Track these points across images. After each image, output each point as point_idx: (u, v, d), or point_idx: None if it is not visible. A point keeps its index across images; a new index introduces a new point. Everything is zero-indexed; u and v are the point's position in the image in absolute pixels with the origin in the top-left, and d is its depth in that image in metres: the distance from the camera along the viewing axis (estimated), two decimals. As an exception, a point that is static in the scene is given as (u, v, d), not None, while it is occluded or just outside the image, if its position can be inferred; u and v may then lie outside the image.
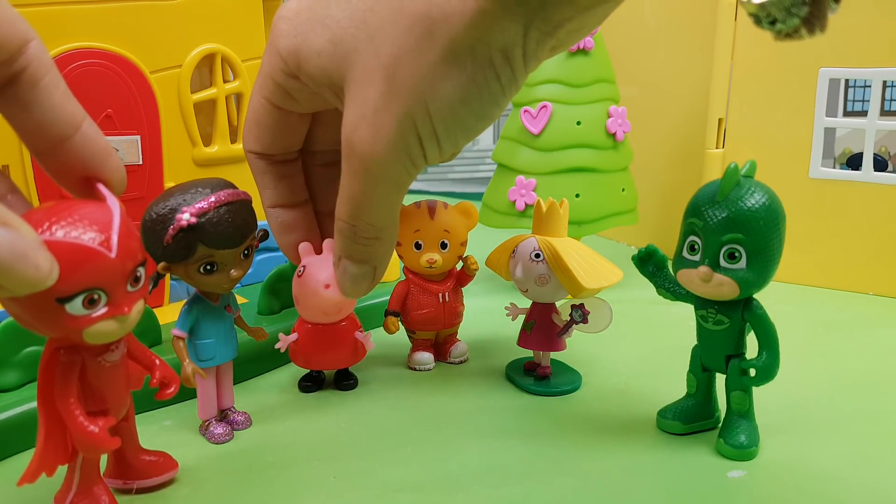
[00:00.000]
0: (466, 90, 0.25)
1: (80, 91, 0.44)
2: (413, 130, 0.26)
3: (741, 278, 0.33)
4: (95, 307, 0.26)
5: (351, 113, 0.27)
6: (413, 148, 0.27)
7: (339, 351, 0.43)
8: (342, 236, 0.30)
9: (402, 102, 0.26)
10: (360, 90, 0.26)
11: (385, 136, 0.26)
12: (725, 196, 0.33)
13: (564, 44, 0.27)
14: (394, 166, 0.27)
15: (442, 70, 0.25)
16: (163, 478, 0.34)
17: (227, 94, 0.53)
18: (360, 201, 0.29)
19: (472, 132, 0.27)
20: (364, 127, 0.26)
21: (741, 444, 0.35)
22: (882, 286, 0.61)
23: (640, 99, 0.73)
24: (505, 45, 0.24)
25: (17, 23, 0.24)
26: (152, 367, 0.32)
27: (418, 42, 0.25)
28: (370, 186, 0.28)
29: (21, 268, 0.21)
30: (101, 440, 0.28)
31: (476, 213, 0.45)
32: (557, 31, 0.25)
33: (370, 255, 0.31)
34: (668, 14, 0.71)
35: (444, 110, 0.26)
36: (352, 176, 0.28)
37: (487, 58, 0.25)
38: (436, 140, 0.27)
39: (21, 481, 0.27)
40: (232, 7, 0.52)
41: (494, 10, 0.24)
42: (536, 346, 0.44)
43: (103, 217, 0.26)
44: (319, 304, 0.40)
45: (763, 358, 0.35)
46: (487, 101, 0.26)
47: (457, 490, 0.33)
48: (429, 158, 0.27)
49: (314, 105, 0.32)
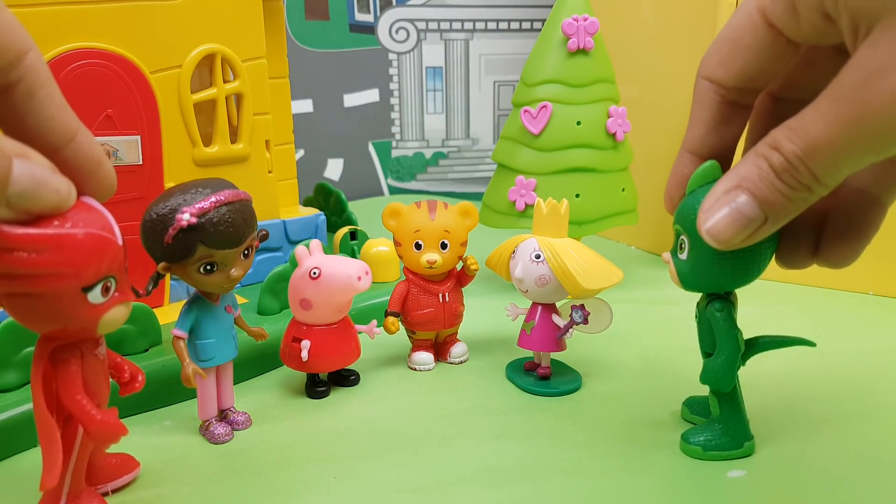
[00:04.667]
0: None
1: (80, 91, 0.45)
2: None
3: (679, 269, 0.33)
4: (109, 294, 0.27)
5: (879, 55, 0.22)
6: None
7: (344, 350, 0.43)
8: (769, 169, 0.25)
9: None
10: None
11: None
12: (692, 189, 0.32)
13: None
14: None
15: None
16: (129, 477, 0.34)
17: (227, 94, 0.52)
18: (827, 148, 0.24)
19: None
20: (894, 79, 0.22)
21: (686, 439, 0.36)
22: (882, 286, 0.61)
23: (640, 99, 0.73)
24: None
25: (16, 31, 0.23)
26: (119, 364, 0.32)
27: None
28: (851, 141, 0.23)
29: (43, 193, 0.23)
30: (118, 428, 0.28)
31: (476, 213, 0.45)
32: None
33: (782, 203, 0.26)
34: (668, 14, 0.71)
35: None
36: (837, 122, 0.23)
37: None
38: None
39: (44, 484, 0.27)
40: (232, 7, 0.52)
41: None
42: (536, 346, 0.44)
43: (96, 210, 0.26)
44: (346, 300, 0.41)
45: (714, 359, 0.34)
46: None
47: (457, 490, 0.33)
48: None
49: (815, 34, 0.26)
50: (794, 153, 0.25)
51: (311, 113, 1.02)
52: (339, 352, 0.43)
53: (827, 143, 0.24)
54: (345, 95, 1.03)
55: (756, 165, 0.26)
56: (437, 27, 1.05)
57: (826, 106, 0.24)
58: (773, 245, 0.31)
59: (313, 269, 0.41)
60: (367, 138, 1.06)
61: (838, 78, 0.24)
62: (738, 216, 0.27)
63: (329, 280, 0.41)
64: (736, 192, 0.26)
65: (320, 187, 0.73)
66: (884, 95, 0.22)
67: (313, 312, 0.42)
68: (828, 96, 0.24)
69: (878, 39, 0.22)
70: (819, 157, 0.24)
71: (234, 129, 0.55)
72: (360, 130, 1.06)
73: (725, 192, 0.27)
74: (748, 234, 0.27)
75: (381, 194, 1.09)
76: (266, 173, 0.57)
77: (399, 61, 1.05)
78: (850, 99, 0.23)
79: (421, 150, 1.09)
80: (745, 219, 0.26)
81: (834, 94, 0.24)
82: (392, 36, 1.04)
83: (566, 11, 0.58)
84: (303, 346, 0.42)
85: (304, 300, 0.41)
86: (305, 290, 0.41)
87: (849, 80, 0.23)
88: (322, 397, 0.43)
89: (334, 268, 0.41)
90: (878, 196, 0.30)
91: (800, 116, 0.25)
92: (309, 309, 0.42)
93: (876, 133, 0.23)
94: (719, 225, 0.27)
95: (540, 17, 1.07)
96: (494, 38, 1.07)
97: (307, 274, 0.41)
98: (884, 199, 0.30)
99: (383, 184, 1.09)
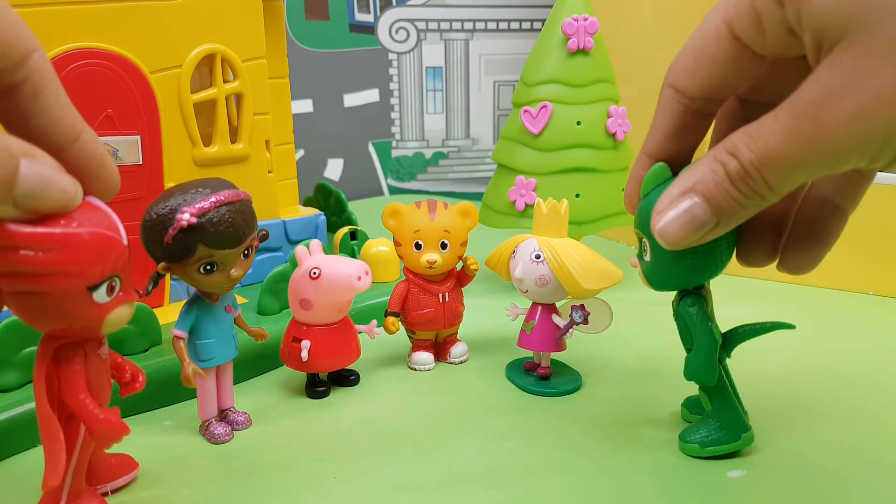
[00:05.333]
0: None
1: (80, 91, 0.45)
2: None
3: (644, 270, 0.34)
4: (114, 293, 0.27)
5: (838, 75, 0.22)
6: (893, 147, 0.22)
7: (344, 350, 0.43)
8: (725, 174, 0.26)
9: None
10: (867, 54, 0.22)
11: (874, 119, 0.22)
12: (646, 192, 0.32)
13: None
14: (855, 150, 0.23)
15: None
16: (129, 477, 0.34)
17: (227, 94, 0.52)
18: (782, 160, 0.24)
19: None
20: (851, 101, 0.22)
21: (684, 438, 0.36)
22: (882, 286, 0.61)
23: (640, 99, 0.73)
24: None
25: (22, 32, 0.24)
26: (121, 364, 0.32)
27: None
28: (807, 156, 0.24)
29: (50, 192, 0.24)
30: (121, 427, 0.29)
31: (476, 213, 0.45)
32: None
33: (734, 209, 0.26)
34: (668, 14, 0.71)
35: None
36: (794, 136, 0.24)
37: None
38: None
39: (46, 483, 0.27)
40: (232, 7, 0.52)
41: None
42: (536, 346, 0.44)
43: (102, 210, 0.26)
44: (346, 300, 0.41)
45: (693, 354, 0.35)
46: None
47: (457, 490, 0.33)
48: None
49: (780, 48, 0.26)
50: (750, 161, 0.25)
51: (311, 113, 1.02)
52: (339, 352, 0.43)
53: (783, 156, 0.24)
54: (345, 95, 1.03)
55: (712, 170, 0.26)
56: (437, 27, 1.05)
57: (785, 119, 0.24)
58: (730, 241, 0.32)
59: (313, 269, 0.41)
60: (367, 138, 1.06)
61: (799, 91, 0.24)
62: (690, 218, 0.27)
63: (329, 280, 0.41)
64: (690, 195, 0.27)
65: (320, 187, 0.73)
66: (840, 116, 0.23)
67: (313, 312, 0.42)
68: (788, 109, 0.24)
69: (839, 59, 0.23)
70: (774, 167, 0.25)
71: (234, 129, 0.55)
72: (360, 130, 1.06)
73: (680, 194, 0.27)
74: (699, 236, 0.27)
75: (381, 194, 1.09)
76: (266, 173, 0.57)
77: (399, 61, 1.05)
78: (808, 115, 0.23)
79: (421, 150, 1.09)
80: (697, 221, 0.27)
81: (793, 109, 0.24)
82: (392, 36, 1.04)
83: (566, 11, 0.58)
84: (303, 346, 0.42)
85: (304, 300, 0.41)
86: (305, 290, 0.41)
87: (808, 96, 0.23)
88: (322, 397, 0.43)
89: (334, 268, 0.41)
90: (839, 204, 0.31)
91: (759, 124, 0.25)
92: (309, 309, 0.42)
93: (830, 151, 0.23)
94: (671, 226, 0.27)
95: (540, 17, 1.07)
96: (494, 38, 1.07)
97: (307, 274, 0.41)
98: (845, 207, 0.31)
99: (383, 184, 1.09)
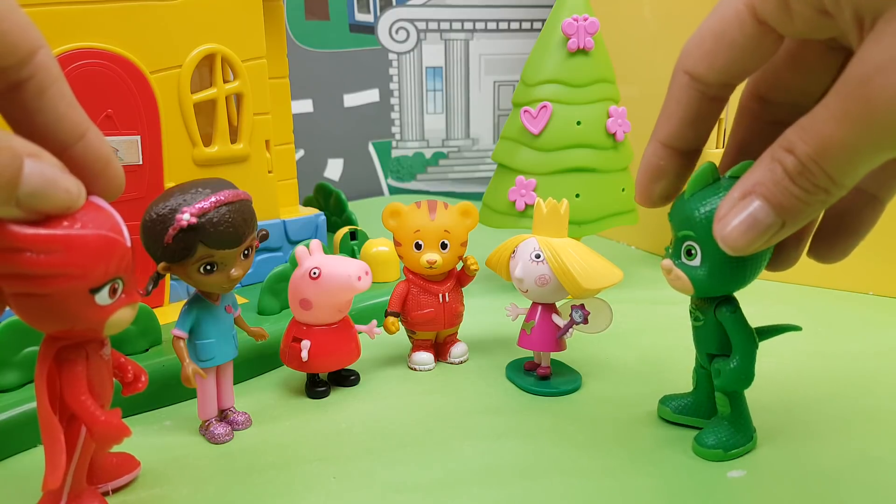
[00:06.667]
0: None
1: (80, 91, 0.44)
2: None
3: (693, 276, 0.33)
4: (116, 295, 0.27)
5: (883, 49, 0.22)
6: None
7: (344, 350, 0.43)
8: (783, 172, 0.25)
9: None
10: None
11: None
12: (692, 193, 0.32)
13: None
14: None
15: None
16: (130, 476, 0.34)
17: (227, 94, 0.53)
18: (838, 147, 0.23)
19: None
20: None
21: (705, 444, 0.36)
22: (882, 286, 0.61)
23: (640, 99, 0.73)
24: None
25: (28, 29, 0.24)
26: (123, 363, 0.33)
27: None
28: (861, 138, 0.23)
29: (54, 193, 0.24)
30: (122, 429, 0.29)
31: (476, 213, 0.45)
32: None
33: (798, 208, 0.25)
34: (668, 14, 0.71)
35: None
36: (845, 119, 0.23)
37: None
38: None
39: (46, 484, 0.27)
40: (232, 7, 0.52)
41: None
42: (536, 346, 0.44)
43: (105, 212, 0.26)
44: (346, 300, 0.41)
45: (732, 363, 0.34)
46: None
47: (457, 490, 0.33)
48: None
49: (808, 29, 0.25)
50: (806, 154, 0.24)
51: (311, 113, 1.02)
52: (339, 352, 0.43)
53: (838, 142, 0.23)
54: (345, 95, 1.04)
55: (770, 170, 0.25)
56: (437, 27, 1.05)
57: (834, 103, 0.23)
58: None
59: (313, 269, 0.41)
60: (367, 138, 1.06)
61: (845, 73, 0.23)
62: (753, 222, 0.26)
63: (329, 280, 0.41)
64: (751, 198, 0.26)
65: (320, 187, 0.73)
66: (888, 91, 0.21)
67: (313, 312, 0.42)
68: (836, 92, 0.23)
69: (883, 31, 0.22)
70: (831, 157, 0.23)
71: (234, 129, 0.55)
72: (360, 130, 1.06)
73: (740, 197, 0.26)
74: (765, 240, 0.26)
75: (381, 194, 1.09)
76: (266, 173, 0.57)
77: (399, 61, 1.05)
78: (855, 95, 0.22)
79: (421, 150, 1.09)
80: (762, 225, 0.26)
81: (841, 90, 0.23)
82: (392, 36, 1.04)
83: (566, 11, 0.58)
84: (303, 346, 0.42)
85: (304, 300, 0.41)
86: (305, 290, 0.41)
87: (854, 75, 0.22)
88: (322, 397, 0.43)
89: (334, 268, 0.41)
90: (876, 194, 0.30)
91: (811, 115, 0.24)
92: (309, 309, 0.42)
93: (884, 129, 0.22)
94: (735, 232, 0.26)
95: (540, 17, 1.07)
96: (494, 38, 1.07)
97: (307, 274, 0.41)
98: (881, 196, 0.30)
99: (383, 184, 1.09)
